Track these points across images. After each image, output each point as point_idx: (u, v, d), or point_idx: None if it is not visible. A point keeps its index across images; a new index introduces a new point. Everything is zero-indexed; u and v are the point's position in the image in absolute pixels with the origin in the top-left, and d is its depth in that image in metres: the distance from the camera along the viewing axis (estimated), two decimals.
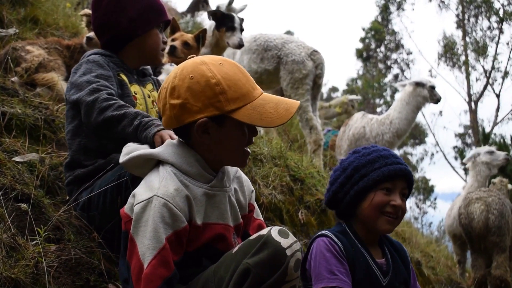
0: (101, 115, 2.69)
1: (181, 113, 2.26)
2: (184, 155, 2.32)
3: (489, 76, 28.93)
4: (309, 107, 7.18)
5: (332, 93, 35.40)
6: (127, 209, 2.26)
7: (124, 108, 2.69)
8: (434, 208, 32.50)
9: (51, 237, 2.68)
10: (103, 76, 2.92)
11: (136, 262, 2.12)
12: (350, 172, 2.69)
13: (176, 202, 2.18)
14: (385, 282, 2.67)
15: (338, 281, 2.52)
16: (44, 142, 3.52)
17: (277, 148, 5.35)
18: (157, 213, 2.13)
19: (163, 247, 2.11)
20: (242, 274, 2.06)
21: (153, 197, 2.16)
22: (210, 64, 2.29)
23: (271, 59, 7.25)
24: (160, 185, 2.20)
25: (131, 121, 2.64)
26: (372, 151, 2.73)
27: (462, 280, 8.46)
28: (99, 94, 2.74)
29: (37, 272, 2.39)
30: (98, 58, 3.04)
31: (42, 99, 4.00)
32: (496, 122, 28.18)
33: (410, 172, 2.71)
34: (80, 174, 2.91)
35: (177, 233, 2.17)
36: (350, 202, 2.70)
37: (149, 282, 2.08)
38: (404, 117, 8.15)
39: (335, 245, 2.60)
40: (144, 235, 2.13)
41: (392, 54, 34.81)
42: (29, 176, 3.02)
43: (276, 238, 2.09)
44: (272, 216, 4.28)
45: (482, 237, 7.64)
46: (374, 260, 2.69)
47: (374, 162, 2.67)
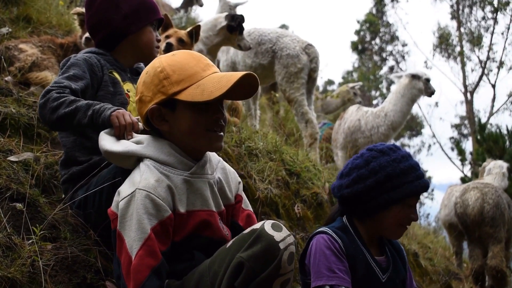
0: (54, 115, 2.69)
1: (139, 106, 2.42)
2: (159, 146, 2.38)
3: (485, 66, 29.00)
4: (304, 101, 7.19)
5: (328, 86, 35.37)
6: (113, 207, 2.31)
7: (75, 103, 2.69)
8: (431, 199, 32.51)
9: (47, 236, 2.68)
10: (74, 77, 2.90)
11: (125, 256, 2.16)
12: (383, 179, 2.62)
13: (158, 193, 2.22)
14: (384, 279, 2.68)
15: (337, 279, 2.53)
16: (39, 141, 3.52)
17: (272, 142, 5.35)
18: (140, 205, 2.17)
19: (148, 237, 2.15)
20: (236, 268, 2.07)
21: (135, 190, 2.21)
22: (163, 57, 2.43)
23: (265, 53, 7.25)
24: (141, 178, 2.25)
25: (84, 113, 2.65)
26: (402, 157, 2.68)
27: (459, 270, 8.48)
28: (50, 95, 2.74)
29: (33, 271, 2.39)
30: (86, 56, 3.03)
31: (36, 98, 3.99)
32: (492, 112, 28.28)
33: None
34: (76, 171, 2.91)
35: (162, 223, 2.21)
36: (374, 208, 2.66)
37: (137, 272, 2.11)
38: (399, 109, 8.15)
39: (335, 242, 2.61)
40: (130, 228, 2.17)
41: (387, 46, 34.87)
42: (24, 175, 3.02)
43: (269, 231, 2.10)
44: (268, 211, 4.29)
45: (476, 224, 7.67)
46: (373, 257, 2.70)
47: (407, 174, 2.64)
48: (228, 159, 4.28)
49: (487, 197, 7.68)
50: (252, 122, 7.66)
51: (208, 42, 6.37)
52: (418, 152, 34.43)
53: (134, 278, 2.11)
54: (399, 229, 2.71)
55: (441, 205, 9.39)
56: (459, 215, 7.90)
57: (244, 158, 4.59)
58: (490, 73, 29.25)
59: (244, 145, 4.79)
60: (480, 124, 17.31)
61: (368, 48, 35.44)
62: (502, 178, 8.90)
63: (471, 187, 7.95)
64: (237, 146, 4.70)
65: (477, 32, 29.85)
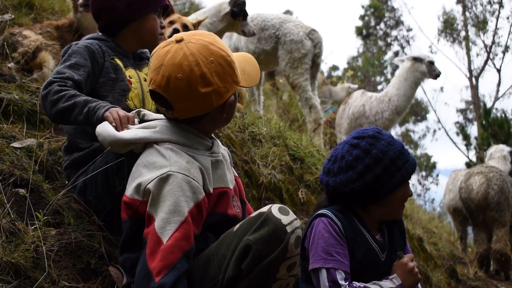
0: (53, 108, 2.70)
1: (215, 98, 2.31)
2: (176, 130, 2.38)
3: (490, 51, 28.86)
4: (308, 86, 7.18)
5: (332, 71, 35.31)
6: (132, 193, 2.27)
7: (73, 98, 2.68)
8: (436, 184, 32.59)
9: (51, 222, 2.68)
10: (75, 66, 2.89)
11: (152, 235, 2.14)
12: (389, 164, 2.62)
13: (193, 174, 2.22)
14: (383, 258, 2.70)
15: (334, 262, 2.54)
16: (42, 127, 3.52)
17: (276, 127, 5.35)
18: (177, 187, 2.16)
19: (185, 220, 2.15)
20: (243, 251, 2.09)
21: (168, 172, 2.18)
22: (216, 42, 2.36)
23: (268, 39, 7.23)
24: (171, 161, 2.23)
25: (81, 110, 2.65)
26: (390, 137, 2.70)
27: (464, 255, 8.50)
28: (51, 87, 2.73)
29: (37, 256, 2.40)
30: (87, 43, 3.02)
31: (39, 84, 3.98)
32: (497, 97, 28.18)
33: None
34: (77, 157, 2.92)
35: (198, 205, 2.21)
36: (384, 193, 2.66)
37: (170, 253, 2.10)
38: (402, 93, 8.11)
39: (335, 225, 2.61)
40: (162, 210, 2.15)
41: (392, 31, 34.69)
42: (28, 161, 3.02)
43: (277, 215, 2.13)
44: (272, 196, 4.30)
45: (481, 209, 7.68)
46: (373, 237, 2.71)
47: (403, 154, 2.67)
48: (232, 145, 4.28)
49: (492, 182, 7.69)
50: (255, 108, 7.66)
51: (213, 28, 6.35)
52: (423, 137, 34.46)
53: (166, 258, 2.09)
54: (402, 208, 2.77)
55: (446, 190, 9.39)
56: (463, 200, 7.91)
57: (248, 144, 4.59)
58: (495, 57, 29.12)
59: (247, 131, 4.79)
60: (485, 109, 17.29)
61: (372, 33, 35.29)
62: (504, 161, 8.89)
63: (475, 171, 7.96)
64: (241, 132, 4.70)
65: (482, 16, 29.67)
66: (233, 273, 2.11)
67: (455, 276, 6.60)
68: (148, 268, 2.11)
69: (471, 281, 6.92)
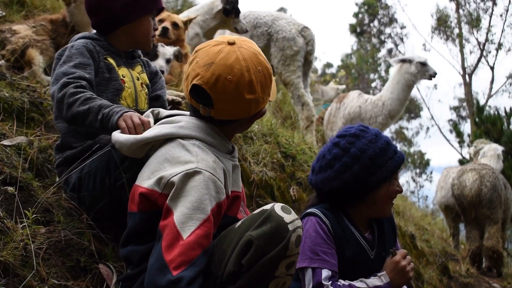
0: (69, 111, 2.69)
1: (253, 106, 2.38)
2: (203, 127, 2.39)
3: (483, 48, 28.92)
4: (300, 83, 7.18)
5: (326, 69, 35.30)
6: (153, 185, 2.26)
7: (88, 102, 2.67)
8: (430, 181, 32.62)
9: (41, 220, 2.68)
10: (81, 65, 2.89)
11: (171, 229, 2.13)
12: (367, 162, 2.65)
13: (219, 174, 2.25)
14: (373, 255, 2.71)
15: (320, 261, 2.57)
16: (32, 125, 3.52)
17: (267, 125, 5.35)
18: (203, 185, 2.17)
19: (207, 219, 2.16)
20: (245, 246, 2.11)
21: (195, 169, 2.20)
22: (262, 54, 2.42)
23: (261, 36, 7.22)
24: (198, 158, 2.24)
25: (95, 116, 2.64)
26: (375, 135, 2.72)
27: (456, 252, 8.52)
28: (67, 89, 2.73)
29: (26, 254, 2.39)
30: (83, 43, 3.01)
31: (29, 82, 3.98)
32: (490, 95, 28.26)
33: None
34: (70, 155, 2.91)
35: (219, 205, 2.23)
36: (366, 191, 2.70)
37: (191, 249, 2.10)
38: (395, 97, 8.07)
39: (323, 224, 2.64)
40: (183, 204, 2.15)
41: (386, 28, 34.69)
42: (18, 159, 3.01)
43: (279, 213, 2.15)
44: (263, 193, 4.30)
45: (473, 206, 7.71)
46: (362, 235, 2.73)
47: (386, 151, 2.69)
48: None
49: (485, 179, 7.71)
50: None
51: (205, 25, 6.36)
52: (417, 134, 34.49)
53: (186, 253, 2.09)
54: (389, 205, 2.78)
55: (437, 187, 9.41)
56: (456, 197, 7.93)
57: (239, 141, 4.59)
58: (488, 55, 29.19)
59: None
60: (479, 106, 17.33)
61: (366, 31, 35.29)
62: (497, 160, 8.92)
63: (468, 168, 7.98)
64: None
65: (476, 14, 29.71)
66: (233, 268, 2.13)
67: (447, 273, 6.62)
68: (165, 261, 2.10)
69: (463, 278, 6.94)
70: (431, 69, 8.09)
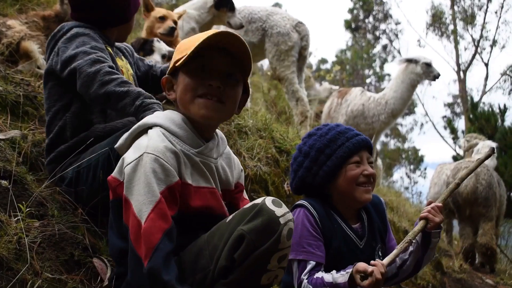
0: (102, 88, 2.69)
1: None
2: (172, 118, 2.37)
3: (478, 45, 28.98)
4: (295, 78, 7.19)
5: (321, 64, 35.32)
6: (116, 173, 2.28)
7: (127, 85, 2.69)
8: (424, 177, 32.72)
9: (35, 213, 2.67)
10: (98, 48, 2.90)
11: (133, 220, 2.13)
12: (315, 155, 2.76)
13: (167, 157, 2.21)
14: (362, 245, 2.75)
15: (305, 253, 2.62)
16: (26, 118, 3.51)
17: (262, 120, 5.35)
18: (149, 169, 2.15)
19: (159, 201, 2.14)
20: (236, 240, 2.09)
21: (143, 154, 2.18)
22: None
23: (255, 31, 7.22)
24: (149, 143, 2.22)
25: (133, 101, 2.65)
26: (328, 129, 2.82)
27: (450, 248, 8.56)
28: (101, 66, 2.74)
29: (20, 248, 2.39)
30: (88, 30, 3.00)
31: (23, 76, 3.97)
32: (484, 91, 28.31)
33: (370, 141, 2.82)
34: (63, 148, 2.91)
35: (170, 188, 2.20)
36: (321, 183, 2.77)
37: (150, 235, 2.09)
38: (399, 96, 8.11)
39: (310, 216, 2.68)
40: (138, 192, 2.15)
41: (381, 24, 34.71)
42: (11, 153, 3.00)
43: (270, 206, 2.13)
44: (258, 188, 4.30)
45: (469, 203, 7.72)
46: (350, 226, 2.76)
47: (336, 140, 2.76)
48: None
49: (480, 177, 7.73)
50: None
51: (200, 20, 6.35)
52: (411, 130, 34.59)
53: (147, 241, 2.09)
54: (358, 190, 2.76)
55: (431, 184, 9.43)
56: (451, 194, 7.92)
57: (234, 136, 4.59)
58: (483, 51, 29.24)
59: (233, 123, 4.79)
60: (473, 102, 17.34)
61: (361, 27, 35.31)
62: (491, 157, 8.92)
63: (463, 166, 7.98)
64: (227, 124, 4.70)
65: (471, 10, 29.76)
66: (225, 262, 2.11)
67: (440, 269, 6.65)
68: (138, 254, 2.11)
69: (456, 273, 6.97)
70: (435, 70, 8.16)
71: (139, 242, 2.11)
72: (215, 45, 2.34)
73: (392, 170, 30.40)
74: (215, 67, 2.35)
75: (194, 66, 2.34)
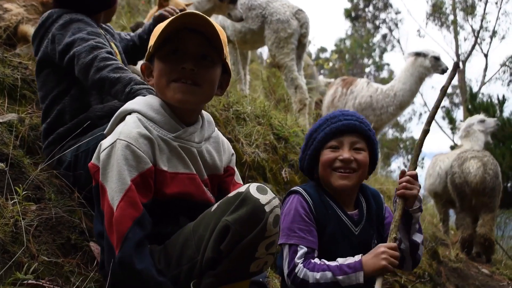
0: (97, 74, 2.70)
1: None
2: (150, 103, 2.36)
3: (477, 35, 28.89)
4: (294, 66, 7.17)
5: (320, 53, 35.24)
6: (94, 159, 2.28)
7: (120, 72, 2.69)
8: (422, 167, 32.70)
9: (31, 197, 2.67)
10: (95, 34, 2.89)
11: (107, 208, 2.15)
12: (307, 139, 2.86)
13: (139, 144, 2.20)
14: (357, 232, 2.75)
15: (296, 238, 2.62)
16: (23, 102, 3.50)
17: (261, 107, 5.34)
18: (120, 156, 2.15)
19: (129, 189, 2.14)
20: (221, 231, 2.08)
21: (116, 140, 2.18)
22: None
23: (255, 18, 7.19)
24: (123, 129, 2.22)
25: (123, 87, 2.66)
26: (327, 115, 2.86)
27: (446, 237, 8.57)
28: (99, 52, 2.75)
29: (16, 231, 2.38)
30: (82, 16, 3.00)
31: (21, 59, 3.95)
32: (483, 82, 28.28)
33: (358, 125, 2.77)
34: (62, 131, 2.91)
35: (142, 175, 2.19)
36: (308, 166, 2.87)
37: (119, 224, 2.10)
38: (408, 88, 8.20)
39: (304, 202, 2.69)
40: (111, 180, 2.16)
41: (381, 13, 34.57)
42: (9, 136, 3.00)
43: (255, 194, 2.10)
44: (255, 175, 4.30)
45: (476, 193, 7.67)
46: (345, 212, 2.76)
47: (322, 125, 2.81)
48: (216, 123, 4.26)
49: (487, 167, 7.69)
50: (241, 87, 7.64)
51: (200, 7, 6.32)
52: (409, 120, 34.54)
53: (117, 229, 2.10)
54: (334, 175, 2.75)
55: (426, 175, 9.40)
56: (457, 185, 7.88)
57: (232, 122, 4.58)
58: (482, 42, 29.18)
59: (232, 109, 4.78)
60: (472, 93, 17.33)
61: (361, 16, 35.18)
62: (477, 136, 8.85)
63: (469, 156, 7.91)
64: (225, 110, 4.69)
65: (471, 1, 29.65)
66: (212, 254, 2.10)
67: (436, 258, 6.66)
68: (110, 242, 2.13)
69: (452, 262, 6.98)
70: (443, 64, 8.24)
71: (112, 230, 2.12)
72: (185, 27, 2.31)
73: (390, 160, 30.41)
74: (188, 49, 2.33)
75: (166, 50, 2.33)
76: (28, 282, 2.17)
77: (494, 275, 7.37)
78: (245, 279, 2.24)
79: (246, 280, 2.26)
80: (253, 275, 2.23)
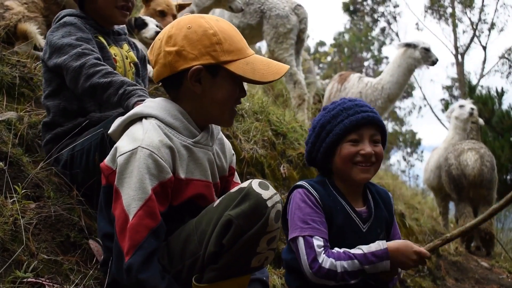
0: (87, 81, 2.69)
1: (176, 59, 2.30)
2: (168, 108, 2.35)
3: (476, 28, 28.91)
4: (293, 61, 7.17)
5: (319, 47, 35.22)
6: (109, 161, 2.26)
7: (110, 76, 2.68)
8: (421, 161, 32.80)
9: (31, 195, 2.68)
10: (84, 39, 2.88)
11: (120, 213, 2.14)
12: (318, 130, 2.74)
13: (161, 153, 2.19)
14: (365, 229, 2.71)
15: (310, 229, 2.56)
16: (22, 100, 3.50)
17: (259, 103, 5.34)
18: (143, 164, 2.14)
19: (149, 198, 2.14)
20: (224, 226, 2.09)
21: (137, 148, 2.17)
22: (207, 18, 2.36)
23: (254, 13, 7.19)
24: (145, 136, 2.21)
25: (116, 90, 2.64)
26: (338, 105, 2.76)
27: (445, 230, 8.58)
28: (87, 60, 2.73)
29: (15, 229, 2.40)
30: (75, 20, 2.99)
31: (19, 57, 3.96)
32: (482, 75, 28.33)
33: (376, 117, 2.72)
34: (60, 131, 2.91)
35: (163, 184, 2.19)
36: (322, 159, 2.75)
37: (136, 232, 2.10)
38: (395, 80, 8.04)
39: (311, 195, 2.64)
40: (129, 186, 2.14)
41: (379, 7, 34.54)
42: (7, 134, 3.00)
43: (257, 190, 2.12)
44: (254, 171, 4.31)
45: (473, 185, 7.68)
46: (353, 208, 2.73)
47: (337, 116, 2.70)
48: None
49: (484, 159, 7.70)
50: None
51: (200, 3, 6.32)
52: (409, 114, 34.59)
53: (132, 237, 2.09)
54: (354, 169, 2.71)
55: (424, 169, 9.43)
56: (454, 177, 7.88)
57: None
58: (481, 35, 29.20)
59: None
60: (470, 86, 17.35)
61: (360, 9, 35.15)
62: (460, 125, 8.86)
63: (466, 148, 7.93)
64: None
65: None
66: (214, 248, 2.12)
67: (436, 251, 6.67)
68: (120, 247, 2.12)
69: (452, 256, 6.99)
70: (434, 55, 8.09)
71: (123, 235, 2.12)
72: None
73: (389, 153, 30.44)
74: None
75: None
76: (28, 280, 2.19)
77: (493, 268, 7.38)
78: (246, 274, 2.27)
79: (247, 275, 2.29)
80: (254, 270, 2.26)
